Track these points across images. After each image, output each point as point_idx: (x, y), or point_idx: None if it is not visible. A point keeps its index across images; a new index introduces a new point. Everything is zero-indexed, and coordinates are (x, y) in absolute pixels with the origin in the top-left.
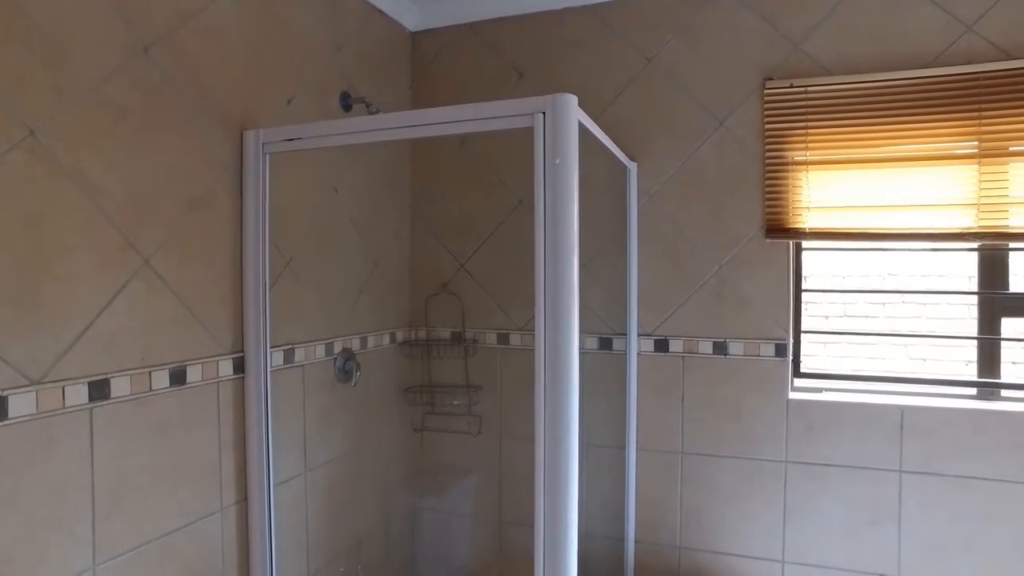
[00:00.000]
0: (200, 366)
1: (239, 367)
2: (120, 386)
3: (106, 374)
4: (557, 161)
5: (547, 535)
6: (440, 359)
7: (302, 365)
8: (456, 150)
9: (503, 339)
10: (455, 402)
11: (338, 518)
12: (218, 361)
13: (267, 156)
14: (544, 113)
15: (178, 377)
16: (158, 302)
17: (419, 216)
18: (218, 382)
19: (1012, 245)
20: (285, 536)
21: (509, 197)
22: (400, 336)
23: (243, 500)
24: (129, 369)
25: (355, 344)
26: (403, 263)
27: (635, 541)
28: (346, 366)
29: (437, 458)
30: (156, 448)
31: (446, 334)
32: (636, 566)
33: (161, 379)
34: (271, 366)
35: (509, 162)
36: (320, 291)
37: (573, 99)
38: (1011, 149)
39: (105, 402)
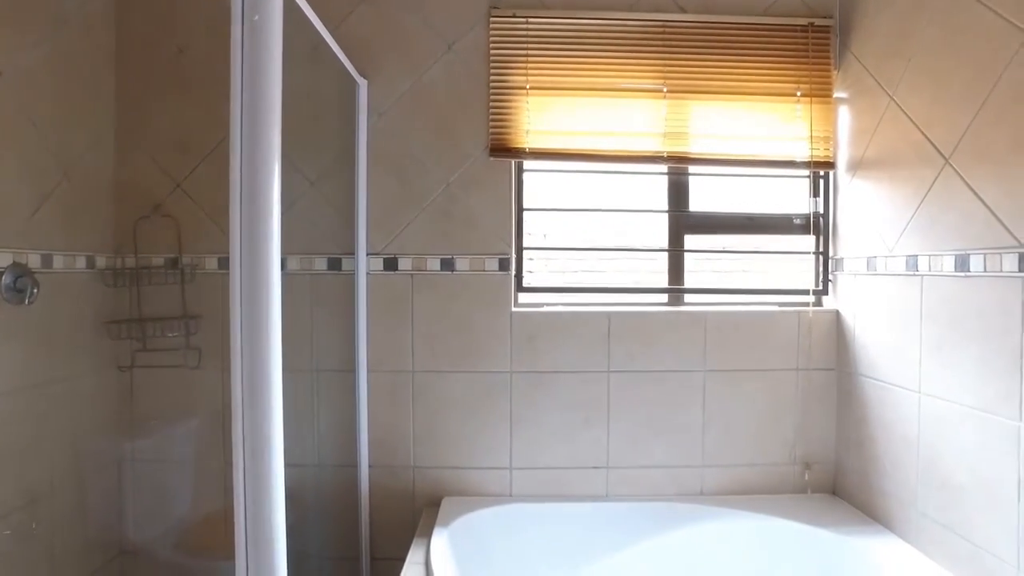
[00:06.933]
0: None
1: None
2: None
3: None
4: (256, 17)
5: (248, 472)
6: (152, 286)
7: None
8: (173, 59)
9: (225, 264)
10: (171, 335)
11: (5, 469)
12: None
13: None
14: None
15: None
16: None
17: (126, 130)
18: None
19: (691, 169)
20: None
21: None
22: (101, 262)
23: None
24: None
25: (35, 261)
26: (104, 180)
27: (369, 466)
28: (18, 283)
29: (151, 399)
30: None
31: (159, 260)
32: (371, 491)
33: None
34: None
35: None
36: None
37: None
38: (688, 89)
39: None
